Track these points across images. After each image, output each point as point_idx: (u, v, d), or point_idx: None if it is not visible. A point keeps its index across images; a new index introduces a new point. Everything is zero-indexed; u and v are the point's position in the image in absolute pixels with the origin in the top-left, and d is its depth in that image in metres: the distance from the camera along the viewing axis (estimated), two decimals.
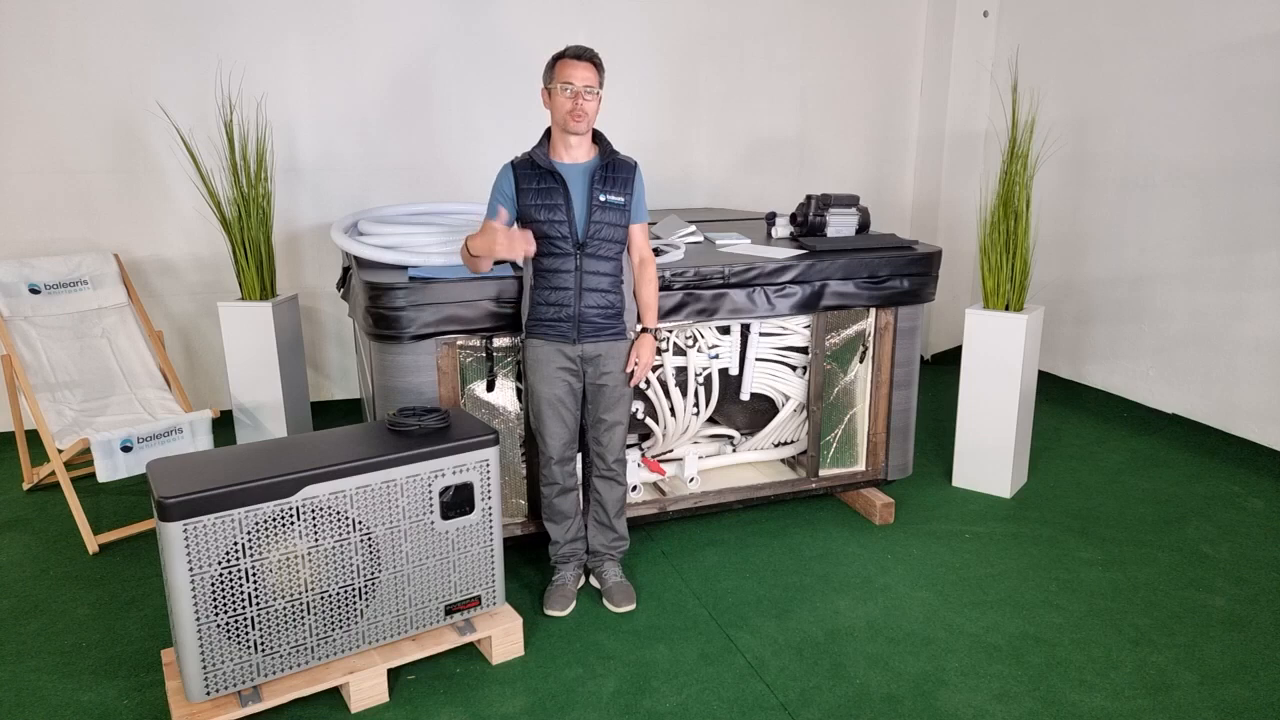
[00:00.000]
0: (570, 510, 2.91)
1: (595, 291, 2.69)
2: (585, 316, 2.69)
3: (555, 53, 2.64)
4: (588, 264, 2.66)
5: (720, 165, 5.26)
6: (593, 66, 2.61)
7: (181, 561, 2.13)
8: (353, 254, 3.19)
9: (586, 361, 2.74)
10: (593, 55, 2.62)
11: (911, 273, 3.29)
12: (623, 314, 2.75)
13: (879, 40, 5.40)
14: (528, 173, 2.67)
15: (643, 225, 2.79)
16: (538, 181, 2.66)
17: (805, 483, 3.45)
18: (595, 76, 2.61)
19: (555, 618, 2.83)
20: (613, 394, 2.79)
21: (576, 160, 2.68)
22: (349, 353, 4.87)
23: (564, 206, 2.64)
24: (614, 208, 2.67)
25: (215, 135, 4.29)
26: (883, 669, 2.57)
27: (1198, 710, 2.39)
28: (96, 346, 3.81)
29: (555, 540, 2.94)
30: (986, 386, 3.64)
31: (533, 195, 2.65)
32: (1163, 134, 4.36)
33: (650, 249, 2.84)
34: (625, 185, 2.70)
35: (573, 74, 2.58)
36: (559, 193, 2.64)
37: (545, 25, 4.74)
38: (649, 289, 2.80)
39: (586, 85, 2.58)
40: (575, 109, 2.58)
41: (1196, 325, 4.27)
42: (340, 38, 4.47)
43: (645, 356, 2.77)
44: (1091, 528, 3.44)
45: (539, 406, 2.79)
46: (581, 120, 2.60)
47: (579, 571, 2.98)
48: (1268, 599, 2.93)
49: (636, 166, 2.75)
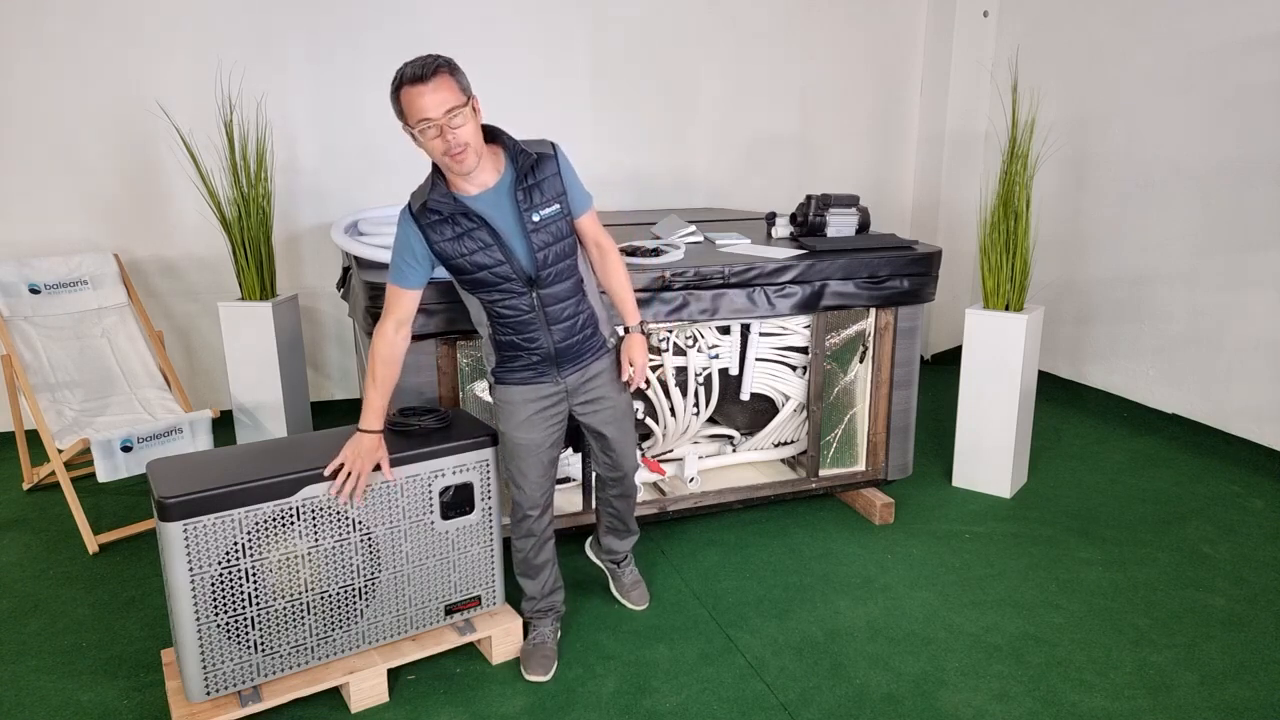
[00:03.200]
0: (548, 559, 2.58)
1: (562, 321, 2.32)
2: (561, 350, 2.35)
3: (392, 83, 2.08)
4: (546, 296, 2.27)
5: (720, 165, 5.26)
6: (443, 77, 2.03)
7: (181, 561, 2.13)
8: (353, 254, 3.20)
9: (573, 394, 2.44)
10: (437, 66, 2.03)
11: (911, 273, 3.29)
12: (597, 325, 2.43)
13: (879, 40, 5.40)
14: (434, 221, 2.18)
15: (590, 212, 2.37)
16: (451, 228, 2.18)
17: (805, 483, 3.46)
18: (453, 93, 2.04)
19: (538, 683, 2.51)
20: (612, 413, 2.51)
21: (486, 185, 2.20)
22: (349, 353, 4.87)
23: (496, 246, 2.18)
24: (552, 220, 2.24)
25: (215, 135, 4.29)
26: (883, 669, 2.57)
27: (1198, 710, 2.39)
28: (96, 346, 3.81)
29: (530, 595, 2.61)
30: (986, 386, 3.64)
31: (452, 245, 2.19)
32: (1163, 134, 4.36)
33: (605, 234, 2.41)
34: (553, 185, 2.24)
35: (423, 104, 2.02)
36: (482, 231, 2.18)
37: (544, 24, 4.74)
38: (616, 277, 2.42)
39: (447, 110, 2.03)
40: (450, 145, 2.05)
41: (1196, 325, 4.27)
42: (340, 37, 4.47)
43: (639, 358, 2.44)
44: (1091, 528, 3.44)
45: (515, 455, 2.44)
46: (465, 155, 2.08)
47: (556, 626, 2.65)
48: (1268, 599, 2.93)
49: (555, 149, 2.27)
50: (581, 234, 2.38)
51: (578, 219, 2.34)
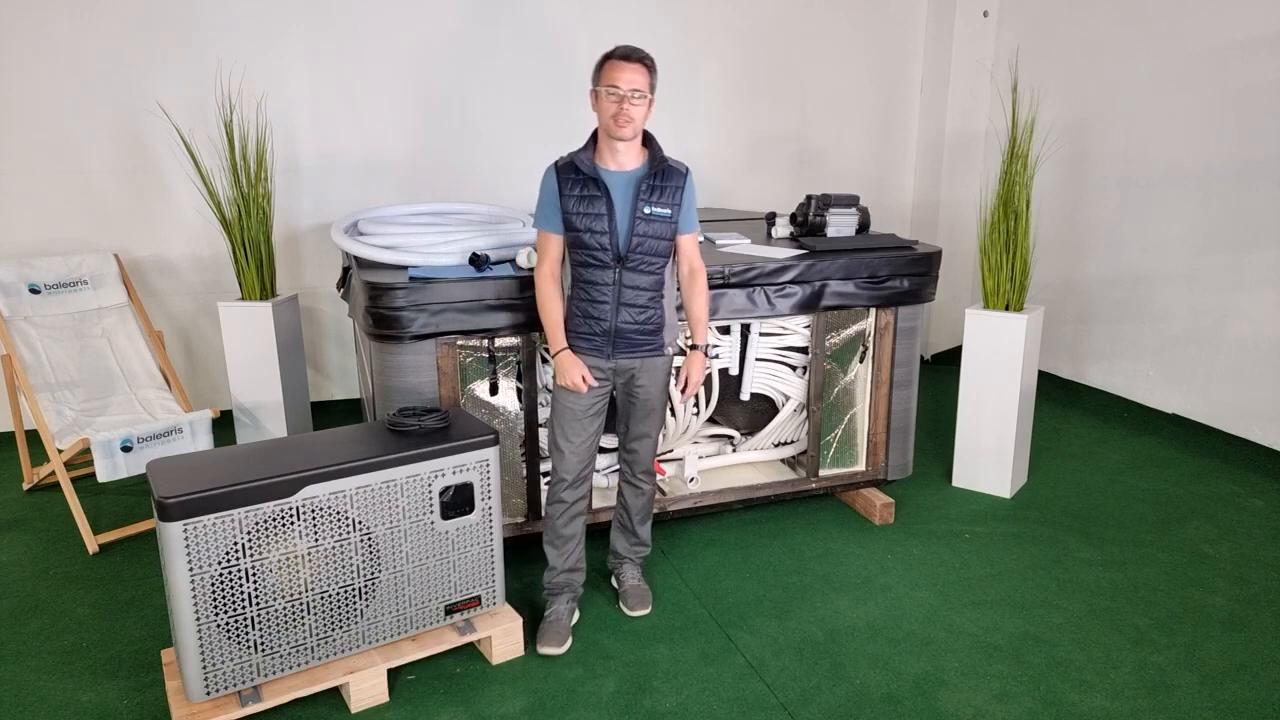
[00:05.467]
0: (574, 533, 2.75)
1: (633, 306, 2.57)
2: (621, 332, 2.58)
3: (604, 52, 2.51)
4: (627, 277, 2.54)
5: (720, 165, 5.26)
6: (643, 68, 2.46)
7: (181, 561, 2.13)
8: (353, 254, 3.20)
9: (619, 374, 2.66)
10: (643, 56, 2.47)
11: (911, 273, 3.29)
12: (662, 330, 2.64)
13: (879, 40, 5.40)
14: (570, 178, 2.53)
15: (692, 235, 2.66)
16: (580, 188, 2.52)
17: (805, 483, 3.45)
18: (645, 79, 2.46)
19: (551, 656, 2.63)
20: (644, 408, 2.71)
21: (623, 167, 2.54)
22: (349, 353, 4.87)
23: (606, 217, 2.50)
24: (659, 220, 2.54)
25: (215, 135, 4.29)
26: (883, 669, 2.57)
27: (1198, 710, 2.39)
28: (96, 346, 3.81)
29: (552, 566, 2.76)
30: (986, 386, 3.64)
31: (574, 202, 2.52)
32: (1163, 134, 4.36)
33: (701, 259, 2.70)
34: (674, 195, 2.55)
35: (619, 76, 2.44)
36: (601, 201, 2.50)
37: (545, 24, 4.74)
38: (698, 302, 2.68)
39: (634, 89, 2.44)
40: (620, 113, 2.44)
41: (1196, 325, 4.27)
42: (340, 37, 4.47)
43: (695, 376, 2.68)
44: (1091, 528, 3.44)
45: (562, 419, 2.66)
46: (626, 126, 2.45)
47: (573, 604, 2.79)
48: (1268, 599, 2.93)
49: (688, 173, 2.60)
50: (679, 251, 2.67)
51: (680, 236, 2.63)
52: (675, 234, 2.60)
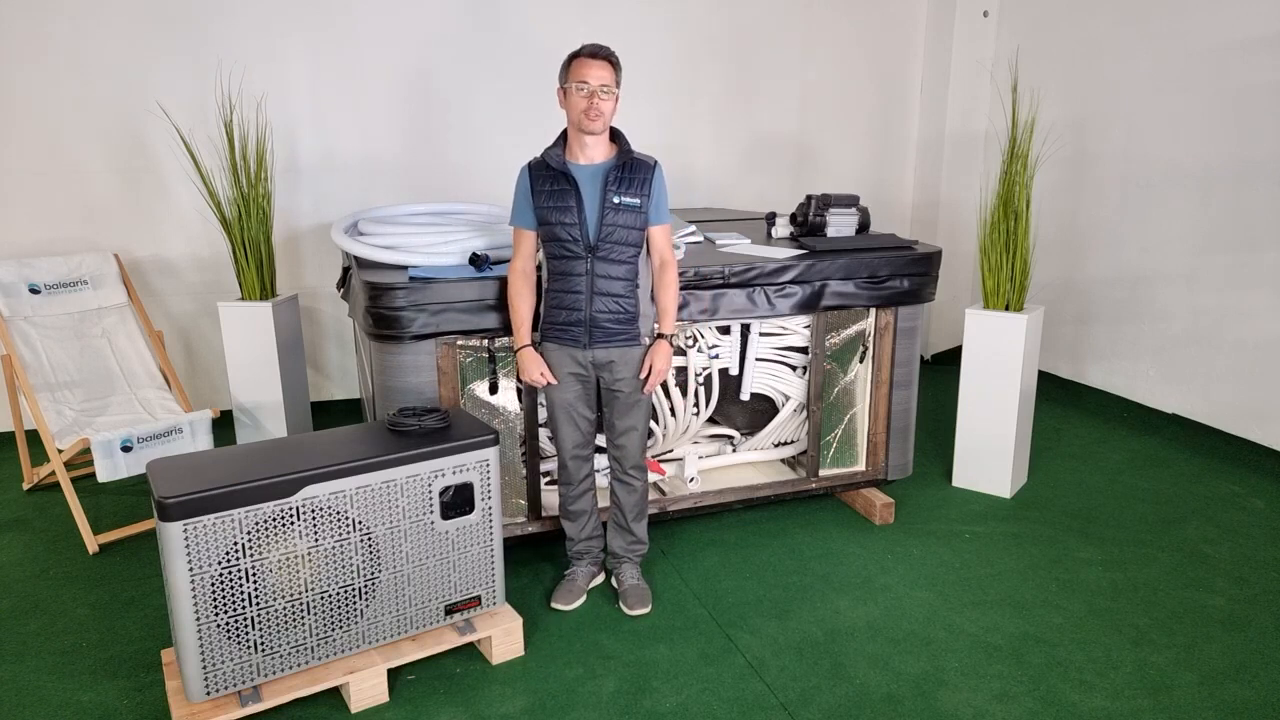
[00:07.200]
0: (586, 508, 2.92)
1: (607, 296, 2.65)
2: (596, 321, 2.66)
3: (571, 51, 2.62)
4: (599, 267, 2.63)
5: (720, 165, 5.26)
6: (609, 65, 2.59)
7: (181, 561, 2.13)
8: (353, 254, 3.19)
9: (599, 367, 2.73)
10: (609, 54, 2.60)
11: (911, 273, 3.29)
12: (637, 319, 2.71)
13: (879, 40, 5.40)
14: (542, 174, 2.66)
15: (664, 227, 2.73)
16: (551, 183, 2.64)
17: (805, 483, 3.45)
18: (611, 75, 2.59)
19: (560, 611, 2.85)
20: (627, 400, 2.77)
21: (592, 160, 2.65)
22: (349, 353, 4.87)
23: (575, 209, 2.61)
24: (628, 209, 2.63)
25: (215, 135, 4.29)
26: (883, 669, 2.57)
27: (1198, 710, 2.39)
28: (96, 346, 3.81)
29: (570, 537, 2.96)
30: (986, 386, 3.64)
31: (545, 197, 2.64)
32: (1163, 134, 4.36)
33: (672, 251, 2.76)
34: (642, 186, 2.65)
35: (588, 73, 2.56)
36: (570, 194, 2.61)
37: (545, 25, 4.74)
38: (668, 293, 2.74)
39: (602, 84, 2.56)
40: (590, 109, 2.56)
41: (1196, 325, 4.27)
42: (341, 37, 4.47)
43: (660, 364, 2.72)
44: (1091, 528, 3.44)
45: (551, 410, 2.81)
46: (596, 120, 2.57)
47: (593, 569, 2.99)
48: (1268, 599, 2.93)
49: (656, 166, 2.70)
50: (651, 243, 2.73)
51: (651, 227, 2.70)
52: (646, 224, 2.68)
